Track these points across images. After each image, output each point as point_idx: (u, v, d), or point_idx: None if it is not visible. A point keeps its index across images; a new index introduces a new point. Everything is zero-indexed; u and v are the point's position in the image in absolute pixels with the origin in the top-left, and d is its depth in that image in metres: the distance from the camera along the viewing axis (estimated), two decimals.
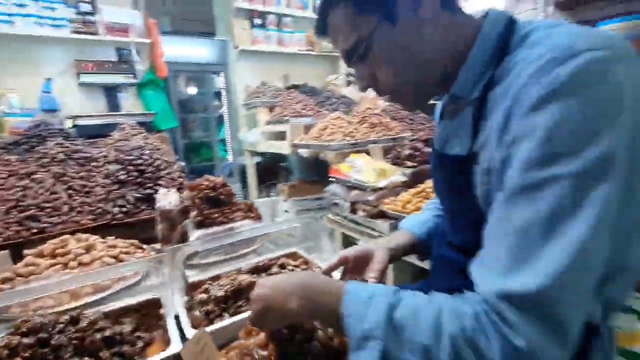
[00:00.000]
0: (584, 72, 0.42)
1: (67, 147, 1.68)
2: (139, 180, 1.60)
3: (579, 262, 0.41)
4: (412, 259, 1.18)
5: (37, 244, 1.28)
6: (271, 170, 5.35)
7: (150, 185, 1.59)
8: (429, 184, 1.46)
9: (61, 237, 1.17)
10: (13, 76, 2.58)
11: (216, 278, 1.07)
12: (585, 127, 0.42)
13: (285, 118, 2.70)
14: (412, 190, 1.51)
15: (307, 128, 2.54)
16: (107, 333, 0.80)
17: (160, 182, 1.63)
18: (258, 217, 1.51)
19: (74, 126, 2.48)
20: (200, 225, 1.28)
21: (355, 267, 0.80)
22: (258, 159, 5.22)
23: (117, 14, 2.77)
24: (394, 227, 1.57)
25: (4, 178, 1.55)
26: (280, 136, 2.87)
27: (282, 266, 1.05)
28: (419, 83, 0.60)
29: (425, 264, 1.15)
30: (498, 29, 0.54)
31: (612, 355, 0.54)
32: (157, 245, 1.34)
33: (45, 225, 1.33)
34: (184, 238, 1.26)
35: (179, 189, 1.63)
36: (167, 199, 1.30)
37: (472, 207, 0.55)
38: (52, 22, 2.63)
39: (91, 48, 2.87)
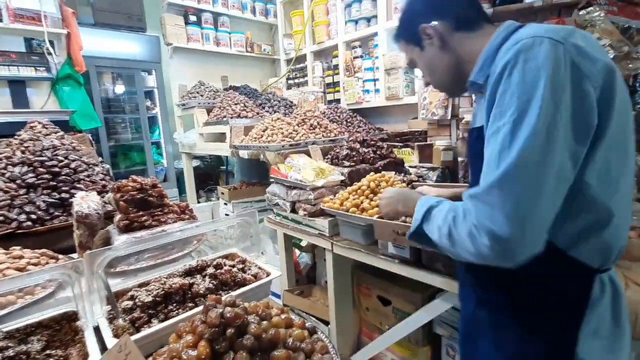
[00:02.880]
0: (520, 51, 0.65)
1: None
2: (52, 183, 1.43)
3: (519, 166, 0.62)
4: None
5: None
6: (211, 174, 5.15)
7: (65, 189, 1.43)
8: (364, 182, 1.53)
9: None
10: None
11: (145, 285, 1.00)
12: (518, 89, 0.64)
13: (225, 119, 2.63)
14: (349, 189, 1.57)
15: (248, 129, 2.50)
16: (10, 353, 0.70)
17: (78, 185, 1.47)
18: (193, 219, 1.44)
19: None
20: (126, 229, 1.18)
21: None
22: (196, 162, 4.98)
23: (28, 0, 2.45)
24: (333, 225, 1.62)
25: None
26: (220, 138, 2.78)
27: (218, 266, 1.02)
28: (447, 83, 0.91)
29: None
30: (504, 34, 0.75)
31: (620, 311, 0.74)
32: (75, 255, 1.21)
33: None
34: (106, 244, 1.15)
35: (101, 192, 1.50)
36: (86, 202, 1.18)
37: None
38: None
39: None
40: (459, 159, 1.80)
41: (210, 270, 0.99)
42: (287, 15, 3.75)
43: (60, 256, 1.19)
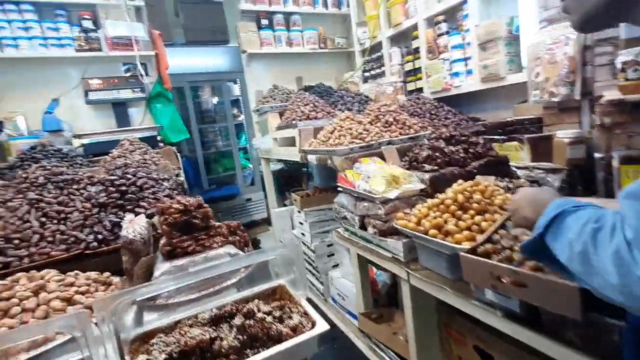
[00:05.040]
0: None
1: (49, 169, 1.57)
2: (119, 202, 1.45)
3: None
4: None
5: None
6: (295, 176, 5.18)
7: (130, 208, 1.44)
8: (450, 193, 1.16)
9: (11, 277, 1.03)
10: (20, 99, 2.60)
11: (175, 326, 0.87)
12: None
13: (294, 122, 2.48)
14: (430, 202, 1.21)
15: (317, 131, 2.31)
16: None
17: (142, 202, 1.47)
18: (244, 241, 1.30)
19: (82, 145, 2.44)
20: (169, 255, 1.08)
21: None
22: (280, 165, 5.07)
23: (120, 27, 2.71)
24: (410, 248, 1.28)
25: None
26: (291, 142, 2.66)
27: (249, 314, 0.82)
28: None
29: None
30: None
31: None
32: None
33: (10, 259, 1.21)
34: (149, 272, 1.07)
35: (150, 215, 1.47)
36: (132, 227, 1.12)
37: None
38: (57, 42, 2.62)
39: (98, 65, 2.84)
40: (596, 155, 1.26)
41: (237, 320, 0.80)
42: (360, 2, 3.43)
43: (115, 280, 1.16)
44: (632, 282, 0.45)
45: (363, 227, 1.53)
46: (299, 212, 2.62)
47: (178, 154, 2.74)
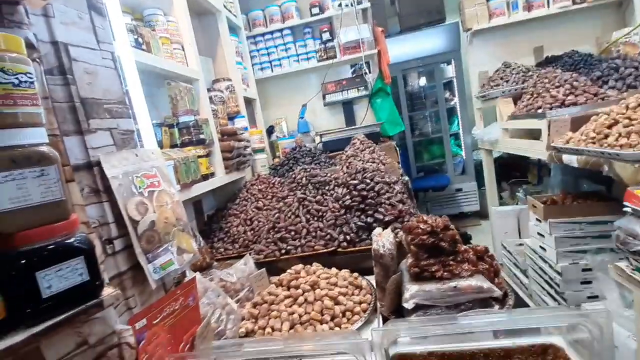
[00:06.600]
0: None
1: (309, 171, 1.92)
2: (361, 206, 1.60)
3: None
4: None
5: (282, 263, 1.52)
6: (518, 165, 4.36)
7: (370, 213, 1.56)
8: None
9: (295, 268, 1.31)
10: (283, 106, 3.35)
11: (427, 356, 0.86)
12: None
13: (540, 111, 2.02)
14: None
15: (577, 123, 1.78)
16: None
17: (380, 209, 1.56)
18: (495, 270, 1.14)
19: (320, 142, 2.90)
20: (417, 278, 1.08)
21: None
22: (498, 152, 4.41)
23: (350, 33, 2.98)
24: None
25: (269, 199, 1.95)
26: (532, 134, 2.19)
27: None
28: None
29: None
30: None
31: None
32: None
33: (289, 247, 1.56)
34: (398, 290, 1.11)
35: (398, 218, 1.51)
36: (381, 240, 1.19)
37: None
38: (305, 56, 3.17)
39: (334, 70, 3.26)
40: None
41: None
42: None
43: (364, 283, 1.29)
44: None
45: None
46: (538, 220, 2.16)
47: (397, 149, 2.81)
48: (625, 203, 1.27)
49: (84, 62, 0.90)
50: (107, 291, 0.68)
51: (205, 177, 1.68)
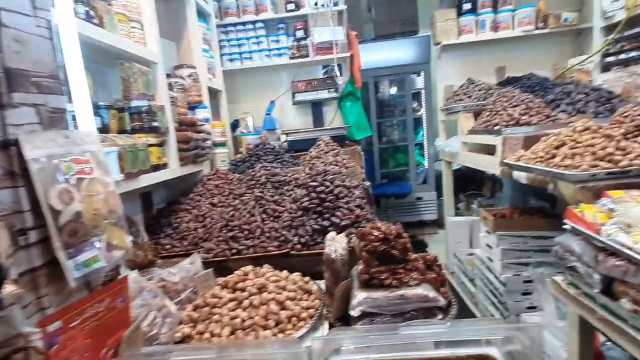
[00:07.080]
0: None
1: (269, 170, 1.86)
2: (319, 209, 1.57)
3: None
4: None
5: (233, 263, 1.45)
6: (474, 178, 4.58)
7: (327, 216, 1.53)
8: None
9: (244, 269, 1.25)
10: (250, 101, 3.26)
11: None
12: None
13: (496, 128, 2.10)
14: None
15: (529, 141, 1.87)
16: None
17: (337, 212, 1.54)
18: (440, 280, 1.15)
19: (286, 141, 2.84)
20: (366, 285, 1.07)
21: None
22: (457, 165, 4.59)
23: (324, 33, 2.96)
24: None
25: (225, 195, 1.87)
26: (488, 149, 2.28)
27: None
28: None
29: None
30: None
31: None
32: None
33: (241, 247, 1.49)
34: (346, 296, 1.09)
35: (354, 223, 1.50)
36: (334, 244, 1.16)
37: None
38: (277, 52, 3.11)
39: (305, 69, 3.22)
40: None
41: None
42: None
43: (314, 288, 1.25)
44: None
45: (607, 292, 1.12)
46: (487, 232, 2.26)
47: (362, 153, 2.82)
48: (565, 221, 1.34)
49: (14, 29, 0.79)
50: (8, 289, 0.59)
51: (156, 168, 1.57)
